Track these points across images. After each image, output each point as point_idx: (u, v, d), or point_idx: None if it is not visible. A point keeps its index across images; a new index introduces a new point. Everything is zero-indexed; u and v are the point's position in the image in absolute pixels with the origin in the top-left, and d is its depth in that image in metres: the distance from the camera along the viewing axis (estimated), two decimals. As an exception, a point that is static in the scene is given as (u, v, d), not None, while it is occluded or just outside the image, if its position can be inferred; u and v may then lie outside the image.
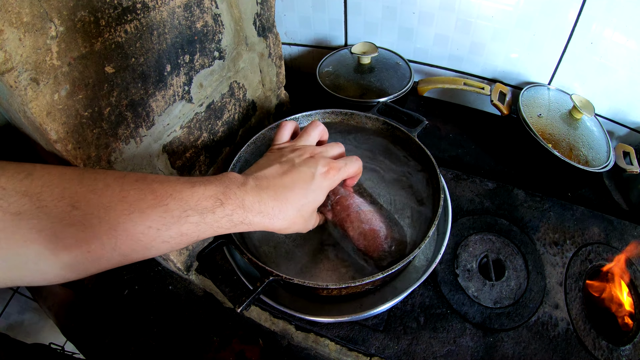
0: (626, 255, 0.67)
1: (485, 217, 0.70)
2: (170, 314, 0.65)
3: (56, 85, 0.33)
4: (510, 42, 0.82)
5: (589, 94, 0.80)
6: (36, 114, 0.32)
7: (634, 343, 0.58)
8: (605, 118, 0.84)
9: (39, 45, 0.31)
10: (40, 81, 0.31)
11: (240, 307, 0.44)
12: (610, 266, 0.66)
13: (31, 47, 0.30)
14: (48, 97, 0.32)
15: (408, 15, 0.85)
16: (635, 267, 0.66)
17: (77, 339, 0.65)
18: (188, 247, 0.62)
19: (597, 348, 0.58)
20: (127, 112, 0.40)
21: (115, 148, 0.40)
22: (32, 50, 0.30)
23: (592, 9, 0.70)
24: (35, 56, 0.31)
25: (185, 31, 0.45)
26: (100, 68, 0.36)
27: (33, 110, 0.32)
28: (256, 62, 0.65)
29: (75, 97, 0.34)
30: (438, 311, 0.59)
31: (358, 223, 0.48)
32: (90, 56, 0.34)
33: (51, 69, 0.32)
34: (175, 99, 0.47)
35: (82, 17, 0.33)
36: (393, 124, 0.65)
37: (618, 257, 0.67)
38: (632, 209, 0.76)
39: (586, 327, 0.60)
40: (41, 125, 0.33)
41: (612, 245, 0.68)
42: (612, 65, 0.75)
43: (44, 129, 0.33)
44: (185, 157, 0.54)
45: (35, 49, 0.31)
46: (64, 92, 0.33)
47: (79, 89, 0.34)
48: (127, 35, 0.37)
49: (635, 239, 0.70)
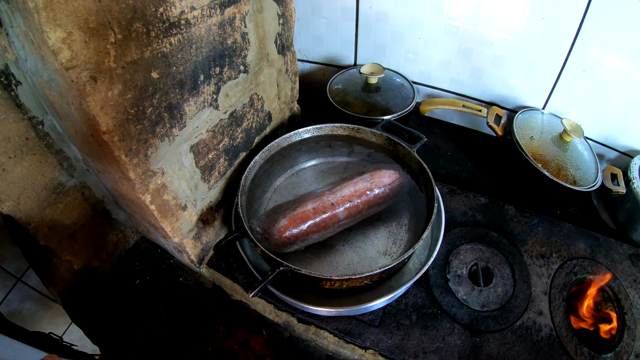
0: (611, 271, 0.71)
1: (477, 228, 0.75)
2: (179, 304, 0.69)
3: (111, 84, 0.39)
4: (508, 69, 0.89)
5: (581, 119, 0.86)
6: (92, 107, 0.38)
7: (615, 352, 0.62)
8: (597, 142, 0.90)
9: (100, 49, 0.37)
10: (98, 79, 0.38)
11: (252, 292, 0.49)
12: (595, 279, 0.70)
13: (94, 50, 0.37)
14: (103, 94, 0.39)
15: (414, 40, 0.93)
16: (619, 282, 0.70)
17: (85, 324, 0.69)
18: (202, 240, 0.67)
19: (579, 354, 0.61)
20: (165, 113, 0.46)
21: (152, 144, 0.46)
22: (94, 52, 0.37)
23: (586, 39, 0.76)
24: (96, 58, 0.37)
25: (218, 46, 0.52)
26: (148, 73, 0.42)
27: (90, 103, 0.38)
28: (274, 77, 0.72)
29: (125, 96, 0.41)
30: (429, 311, 0.63)
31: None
32: (140, 62, 0.41)
33: (108, 70, 0.38)
34: (205, 105, 0.54)
35: (136, 28, 0.40)
36: (395, 140, 0.71)
37: (603, 271, 0.71)
38: (619, 228, 0.81)
39: (569, 334, 0.64)
40: (95, 117, 0.39)
41: (597, 261, 0.73)
42: (603, 92, 0.81)
43: (96, 120, 0.39)
44: (208, 158, 0.60)
45: (97, 52, 0.37)
46: (116, 90, 0.40)
47: (129, 90, 0.41)
48: (171, 46, 0.44)
49: (620, 255, 0.75)
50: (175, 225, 0.57)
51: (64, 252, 0.65)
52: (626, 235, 0.79)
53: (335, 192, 0.63)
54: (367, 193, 0.63)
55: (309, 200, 0.63)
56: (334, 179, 0.74)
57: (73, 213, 0.63)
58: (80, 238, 0.66)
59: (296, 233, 0.59)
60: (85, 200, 0.64)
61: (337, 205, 0.62)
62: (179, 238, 0.60)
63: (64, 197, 0.61)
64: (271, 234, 0.58)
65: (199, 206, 0.62)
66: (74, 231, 0.65)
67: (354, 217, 0.63)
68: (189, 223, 0.61)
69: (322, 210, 0.61)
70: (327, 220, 0.61)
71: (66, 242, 0.64)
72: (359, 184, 0.64)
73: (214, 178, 0.64)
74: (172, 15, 0.42)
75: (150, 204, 0.50)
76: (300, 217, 0.60)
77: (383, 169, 0.66)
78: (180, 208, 0.57)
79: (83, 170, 0.61)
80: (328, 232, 0.63)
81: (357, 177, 0.66)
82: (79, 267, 0.68)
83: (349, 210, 0.62)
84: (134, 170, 0.45)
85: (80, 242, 0.66)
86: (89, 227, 0.67)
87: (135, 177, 0.46)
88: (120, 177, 0.47)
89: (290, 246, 0.60)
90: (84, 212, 0.65)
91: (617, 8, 0.70)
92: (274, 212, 0.62)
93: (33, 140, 0.53)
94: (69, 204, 0.62)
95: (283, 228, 0.59)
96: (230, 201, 0.71)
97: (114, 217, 0.71)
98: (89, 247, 0.68)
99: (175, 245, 0.63)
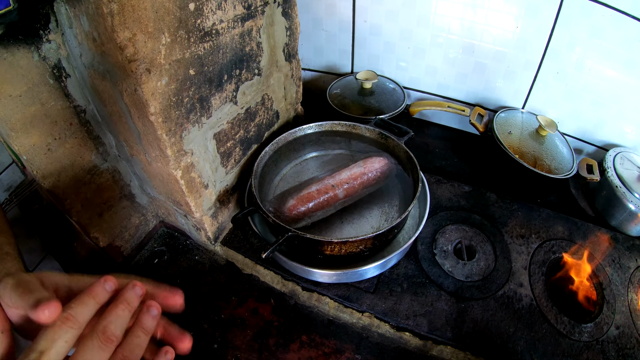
0: (589, 249, 0.77)
1: (461, 212, 0.84)
2: (195, 279, 0.77)
3: (160, 76, 0.50)
4: (488, 73, 1.00)
5: (559, 116, 0.96)
6: (145, 93, 0.49)
7: (595, 322, 0.68)
8: (574, 137, 1.00)
9: (154, 48, 0.48)
10: (151, 72, 0.48)
11: (265, 252, 0.58)
12: (574, 257, 0.76)
13: (150, 49, 0.47)
14: (153, 83, 0.49)
15: (404, 50, 1.05)
16: (598, 262, 0.76)
17: None
18: (218, 220, 0.77)
19: (559, 322, 0.68)
20: (197, 103, 0.57)
21: (186, 127, 0.57)
22: (150, 50, 0.48)
23: (557, 43, 0.87)
24: (151, 55, 0.48)
25: (239, 52, 0.63)
26: (187, 70, 0.53)
27: (144, 90, 0.48)
28: (282, 80, 0.83)
29: (169, 87, 0.51)
30: (418, 280, 0.72)
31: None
32: (182, 61, 0.52)
33: (159, 65, 0.49)
34: (227, 100, 0.65)
35: (180, 34, 0.51)
36: (386, 134, 0.81)
37: (582, 248, 0.77)
38: (597, 215, 0.89)
39: (548, 304, 0.70)
40: (146, 101, 0.49)
41: (575, 242, 0.79)
42: (576, 91, 0.92)
43: (147, 104, 0.50)
44: (227, 146, 0.70)
45: (152, 50, 0.48)
46: (163, 82, 0.50)
47: (173, 82, 0.51)
48: (204, 50, 0.55)
49: (598, 238, 0.80)
50: (198, 202, 0.67)
51: (93, 229, 0.71)
52: (605, 221, 0.87)
53: (334, 176, 0.73)
54: (362, 176, 0.73)
55: (313, 184, 0.73)
56: (333, 167, 0.84)
57: (103, 194, 0.70)
58: (107, 217, 0.73)
59: (303, 211, 0.69)
60: (115, 183, 0.72)
61: (337, 187, 0.72)
62: (200, 214, 0.69)
63: (98, 178, 0.68)
64: (282, 212, 0.68)
65: (217, 187, 0.72)
66: (102, 210, 0.72)
67: (352, 197, 0.73)
68: (209, 201, 0.71)
69: (325, 191, 0.71)
70: (329, 199, 0.71)
71: (95, 220, 0.71)
72: (354, 168, 0.74)
73: (231, 164, 0.74)
74: (206, 26, 0.54)
75: (181, 179, 0.60)
76: (306, 197, 0.70)
77: (374, 156, 0.76)
78: (203, 186, 0.67)
79: (115, 155, 0.70)
80: (330, 210, 0.72)
81: (352, 163, 0.76)
82: (104, 245, 0.75)
83: (347, 190, 0.72)
84: (171, 148, 0.55)
85: (107, 221, 0.73)
86: (116, 208, 0.74)
87: (171, 154, 0.56)
88: (158, 155, 0.57)
89: (299, 222, 0.69)
90: (113, 194, 0.72)
91: (584, 15, 0.81)
92: (282, 195, 0.72)
93: (76, 126, 0.61)
94: (101, 185, 0.69)
95: (292, 207, 0.68)
96: (243, 187, 0.81)
97: (137, 200, 0.79)
98: (114, 227, 0.76)
99: (196, 222, 0.73)
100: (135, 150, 0.63)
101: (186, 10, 0.51)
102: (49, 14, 0.50)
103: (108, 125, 0.63)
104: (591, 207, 0.91)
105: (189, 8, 0.51)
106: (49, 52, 0.52)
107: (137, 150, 0.62)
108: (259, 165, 0.75)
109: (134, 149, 0.63)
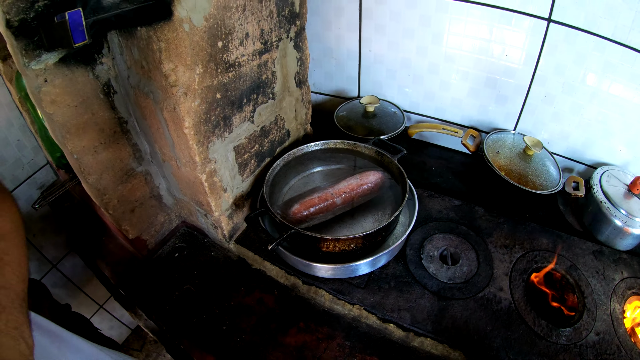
0: (571, 260, 0.82)
1: (449, 223, 0.93)
2: (210, 271, 0.89)
3: (193, 98, 0.63)
4: (481, 98, 1.10)
5: (550, 137, 1.04)
6: (182, 111, 0.62)
7: (574, 327, 0.73)
8: (564, 157, 1.06)
9: (190, 77, 0.62)
10: (187, 95, 0.62)
11: (271, 245, 0.69)
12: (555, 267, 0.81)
13: (187, 77, 0.61)
14: (188, 104, 0.63)
15: (405, 77, 1.17)
16: (581, 272, 0.82)
17: (129, 287, 0.88)
18: (233, 220, 0.89)
19: (537, 325, 0.73)
20: (221, 121, 0.71)
21: (212, 140, 0.70)
22: (187, 79, 0.62)
23: (544, 69, 0.95)
24: (188, 82, 0.62)
25: (256, 80, 0.77)
26: (214, 94, 0.67)
27: (181, 109, 0.62)
28: (293, 104, 0.97)
29: (200, 107, 0.65)
30: (405, 280, 0.81)
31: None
32: (211, 87, 0.66)
33: (193, 90, 0.63)
34: (245, 119, 0.78)
35: (210, 66, 0.65)
36: (382, 152, 0.93)
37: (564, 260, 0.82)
38: (585, 230, 0.93)
39: (527, 308, 0.75)
40: (183, 117, 0.63)
41: (558, 253, 0.84)
42: (563, 113, 0.99)
43: (183, 120, 0.63)
44: (243, 158, 0.83)
45: (189, 78, 0.62)
46: (196, 103, 0.64)
47: (203, 103, 0.65)
48: (229, 79, 0.69)
49: (583, 251, 0.85)
50: (218, 202, 0.80)
51: (124, 222, 0.81)
52: (592, 236, 0.90)
53: (334, 187, 0.85)
54: (358, 187, 0.84)
55: (315, 192, 0.84)
56: (334, 179, 0.96)
57: (136, 192, 0.81)
58: (138, 213, 0.83)
59: (306, 214, 0.80)
60: (147, 184, 0.83)
61: (336, 195, 0.83)
62: (219, 213, 0.82)
63: (133, 178, 0.78)
64: (287, 215, 0.80)
65: (234, 192, 0.85)
66: (134, 207, 0.82)
67: (348, 204, 0.84)
68: (226, 203, 0.83)
69: (325, 198, 0.82)
70: (328, 205, 0.82)
71: (127, 214, 0.81)
72: (351, 180, 0.85)
73: (246, 174, 0.87)
74: (230, 59, 0.68)
75: (205, 182, 0.73)
76: (309, 203, 0.81)
77: (370, 170, 0.87)
78: (222, 189, 0.80)
79: (149, 161, 0.82)
80: (329, 215, 0.84)
81: (350, 176, 0.87)
82: (133, 237, 0.85)
83: (344, 199, 0.83)
84: (199, 156, 0.69)
85: (137, 217, 0.84)
86: (145, 206, 0.84)
87: (199, 161, 0.69)
88: (187, 161, 0.71)
89: (301, 224, 0.80)
90: (144, 193, 0.83)
91: (568, 42, 0.89)
92: (288, 201, 0.84)
93: (118, 134, 0.71)
94: (135, 184, 0.79)
95: (296, 210, 0.80)
96: (256, 194, 0.93)
97: (164, 201, 0.91)
98: (142, 222, 0.86)
99: (214, 220, 0.85)
100: (167, 157, 0.77)
101: (215, 47, 0.65)
102: (103, 42, 0.63)
103: (145, 135, 0.77)
104: (579, 222, 0.96)
105: (217, 45, 0.65)
106: (101, 72, 0.65)
107: (169, 156, 0.76)
108: (271, 176, 0.87)
109: (167, 155, 0.77)
